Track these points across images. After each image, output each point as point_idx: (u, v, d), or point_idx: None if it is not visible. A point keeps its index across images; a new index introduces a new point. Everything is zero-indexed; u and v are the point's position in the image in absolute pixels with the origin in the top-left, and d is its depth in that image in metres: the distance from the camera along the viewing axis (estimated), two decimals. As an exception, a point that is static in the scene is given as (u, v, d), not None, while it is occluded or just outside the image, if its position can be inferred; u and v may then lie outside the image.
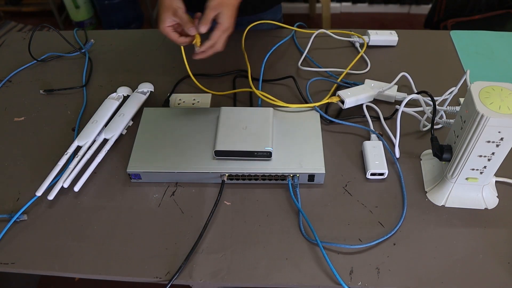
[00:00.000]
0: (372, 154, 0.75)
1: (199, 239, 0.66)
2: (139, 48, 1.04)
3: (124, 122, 0.81)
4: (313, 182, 0.73)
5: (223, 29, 0.72)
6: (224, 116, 0.77)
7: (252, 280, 0.62)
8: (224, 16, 0.71)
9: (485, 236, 0.66)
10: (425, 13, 2.30)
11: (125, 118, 0.82)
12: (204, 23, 0.71)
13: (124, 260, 0.65)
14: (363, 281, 0.61)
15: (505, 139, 0.59)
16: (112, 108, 0.85)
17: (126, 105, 0.85)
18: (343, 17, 2.63)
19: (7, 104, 0.91)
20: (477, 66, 0.95)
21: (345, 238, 0.66)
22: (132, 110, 0.84)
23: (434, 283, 0.61)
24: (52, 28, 1.09)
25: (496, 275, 0.61)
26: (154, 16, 2.54)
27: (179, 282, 0.63)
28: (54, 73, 0.99)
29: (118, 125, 0.80)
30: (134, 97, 0.86)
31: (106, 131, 0.80)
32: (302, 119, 0.80)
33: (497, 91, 0.59)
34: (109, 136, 0.79)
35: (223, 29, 0.72)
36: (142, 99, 0.86)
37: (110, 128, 0.80)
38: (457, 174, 0.66)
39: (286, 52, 1.01)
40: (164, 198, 0.72)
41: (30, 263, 0.65)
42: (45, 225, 0.69)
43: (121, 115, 0.82)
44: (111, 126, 0.80)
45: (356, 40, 1.01)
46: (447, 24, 1.78)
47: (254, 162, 0.72)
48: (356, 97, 0.81)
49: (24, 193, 0.74)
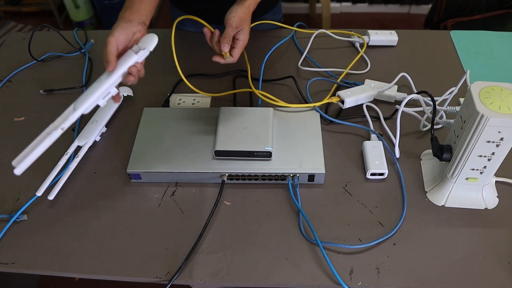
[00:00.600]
0: (372, 154, 0.75)
1: (199, 239, 0.66)
2: (139, 48, 1.04)
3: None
4: (313, 182, 0.73)
5: (243, 46, 0.75)
6: (224, 116, 0.77)
7: (252, 280, 0.62)
8: (245, 33, 0.74)
9: (485, 236, 0.66)
10: (425, 13, 2.30)
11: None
12: (226, 42, 0.72)
13: (124, 260, 0.65)
14: (363, 281, 0.61)
15: (505, 139, 0.59)
16: (113, 108, 0.84)
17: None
18: (343, 17, 2.63)
19: (7, 104, 0.91)
20: (477, 66, 0.95)
21: (345, 238, 0.66)
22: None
23: (434, 283, 0.61)
24: (52, 28, 1.09)
25: (496, 275, 0.61)
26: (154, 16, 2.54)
27: (179, 282, 0.63)
28: (54, 73, 0.98)
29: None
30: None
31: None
32: (302, 119, 0.79)
33: (497, 91, 0.59)
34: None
35: (243, 45, 0.75)
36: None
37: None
38: (457, 174, 0.66)
39: (286, 52, 1.01)
40: (164, 198, 0.72)
41: (30, 263, 0.65)
42: (45, 225, 0.69)
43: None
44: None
45: (356, 40, 1.01)
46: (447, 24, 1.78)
47: (254, 162, 0.72)
48: (356, 97, 0.81)
49: (24, 193, 0.74)
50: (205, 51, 0.87)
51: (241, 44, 0.74)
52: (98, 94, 0.65)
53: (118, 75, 0.66)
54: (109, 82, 0.65)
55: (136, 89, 0.91)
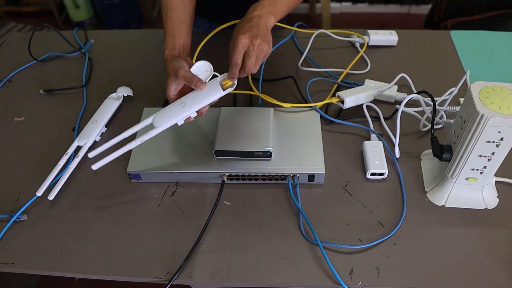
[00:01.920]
0: (372, 154, 0.75)
1: (199, 239, 0.66)
2: (139, 48, 1.04)
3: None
4: (313, 182, 0.73)
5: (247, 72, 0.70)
6: (224, 116, 0.77)
7: (252, 280, 0.62)
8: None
9: (485, 236, 0.66)
10: (425, 13, 2.30)
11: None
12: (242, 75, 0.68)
13: (124, 260, 0.65)
14: (363, 281, 0.61)
15: (505, 139, 0.59)
16: (113, 108, 0.84)
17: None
18: (343, 17, 2.63)
19: (7, 104, 0.91)
20: (477, 66, 0.95)
21: (345, 238, 0.66)
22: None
23: (434, 283, 0.61)
24: (52, 28, 1.09)
25: (496, 275, 0.61)
26: (154, 16, 2.54)
27: (179, 282, 0.63)
28: (54, 73, 0.98)
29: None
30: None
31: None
32: (302, 119, 0.79)
33: (497, 91, 0.59)
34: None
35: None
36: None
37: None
38: (457, 174, 0.66)
39: (286, 52, 1.01)
40: (164, 198, 0.72)
41: (30, 263, 0.65)
42: (45, 225, 0.69)
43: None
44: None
45: (356, 40, 1.01)
46: (447, 24, 1.78)
47: (254, 162, 0.72)
48: (356, 97, 0.81)
49: (24, 193, 0.74)
50: (206, 51, 0.87)
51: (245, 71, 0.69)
52: (184, 116, 0.67)
53: (206, 103, 0.67)
54: (196, 107, 0.67)
55: (136, 89, 0.91)
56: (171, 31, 0.74)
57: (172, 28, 0.74)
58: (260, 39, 0.66)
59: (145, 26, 2.58)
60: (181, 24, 0.75)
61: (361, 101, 0.83)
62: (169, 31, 0.74)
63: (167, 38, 0.74)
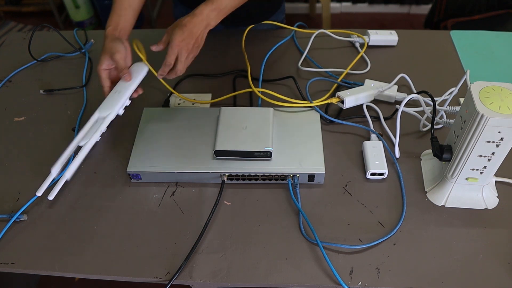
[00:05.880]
0: (372, 154, 0.75)
1: (199, 239, 0.66)
2: (139, 48, 1.04)
3: (121, 101, 0.72)
4: (313, 182, 0.73)
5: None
6: (224, 116, 0.77)
7: (252, 280, 0.62)
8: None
9: (485, 236, 0.66)
10: (425, 13, 2.30)
11: (121, 95, 0.72)
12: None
13: (124, 260, 0.65)
14: (363, 281, 0.61)
15: (505, 139, 0.59)
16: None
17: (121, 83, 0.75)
18: (343, 17, 2.63)
19: (7, 104, 0.91)
20: (477, 66, 0.95)
21: (345, 238, 0.66)
22: (130, 86, 0.73)
23: (434, 283, 0.61)
24: (52, 28, 1.09)
25: (496, 275, 0.61)
26: (154, 16, 2.54)
27: (179, 282, 0.63)
28: (54, 73, 0.98)
29: (112, 104, 0.71)
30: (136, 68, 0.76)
31: (101, 109, 0.71)
32: (302, 119, 0.80)
33: (497, 91, 0.59)
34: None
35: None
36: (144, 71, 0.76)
37: (104, 106, 0.72)
38: (457, 174, 0.66)
39: (286, 52, 1.01)
40: (164, 198, 0.72)
41: (30, 263, 0.65)
42: (45, 225, 0.69)
43: (116, 92, 0.73)
44: (106, 104, 0.72)
45: (356, 40, 1.01)
46: (447, 24, 1.78)
47: (254, 162, 0.72)
48: (356, 97, 0.81)
49: (24, 193, 0.74)
50: (206, 51, 0.87)
51: None
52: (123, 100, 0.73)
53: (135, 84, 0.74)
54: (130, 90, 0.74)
55: (136, 89, 0.91)
56: (118, 11, 0.80)
57: (120, 9, 0.80)
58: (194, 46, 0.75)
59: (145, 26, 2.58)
60: (129, 7, 0.80)
61: (361, 101, 0.83)
62: (117, 10, 0.80)
63: (113, 16, 0.80)
